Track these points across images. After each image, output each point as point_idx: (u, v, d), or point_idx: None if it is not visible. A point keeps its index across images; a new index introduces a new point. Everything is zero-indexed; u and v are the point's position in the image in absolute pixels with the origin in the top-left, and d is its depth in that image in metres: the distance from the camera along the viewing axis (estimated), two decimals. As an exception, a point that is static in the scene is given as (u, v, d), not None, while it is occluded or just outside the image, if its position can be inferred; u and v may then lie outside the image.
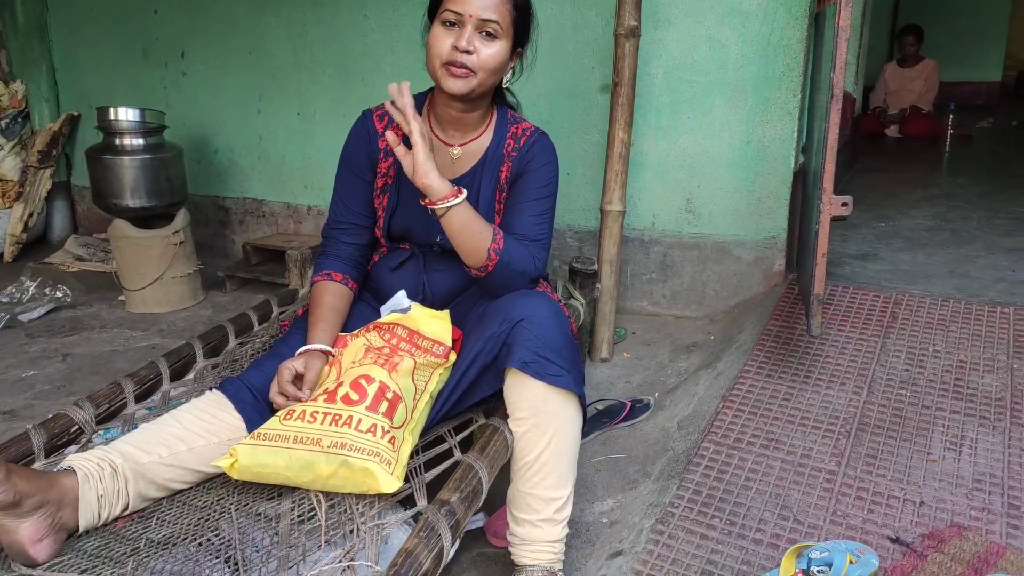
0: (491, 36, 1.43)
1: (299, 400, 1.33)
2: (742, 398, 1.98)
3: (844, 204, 1.82)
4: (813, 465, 1.71)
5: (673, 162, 2.67)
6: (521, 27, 1.49)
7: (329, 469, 1.20)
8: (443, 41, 1.43)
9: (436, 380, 1.43)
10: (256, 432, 1.25)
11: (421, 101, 1.62)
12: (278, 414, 1.29)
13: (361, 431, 1.21)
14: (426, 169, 1.38)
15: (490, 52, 1.44)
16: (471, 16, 1.40)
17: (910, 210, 3.52)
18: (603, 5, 2.61)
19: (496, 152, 1.58)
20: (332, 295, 1.56)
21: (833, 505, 1.58)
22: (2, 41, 3.90)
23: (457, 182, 1.55)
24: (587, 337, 2.43)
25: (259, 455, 1.21)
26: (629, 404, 2.11)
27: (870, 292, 2.44)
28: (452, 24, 1.42)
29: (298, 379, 1.38)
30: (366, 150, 1.60)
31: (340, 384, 1.31)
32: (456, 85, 1.45)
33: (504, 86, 1.56)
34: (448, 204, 1.40)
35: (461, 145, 1.59)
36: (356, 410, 1.24)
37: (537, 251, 1.53)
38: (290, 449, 1.21)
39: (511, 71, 1.55)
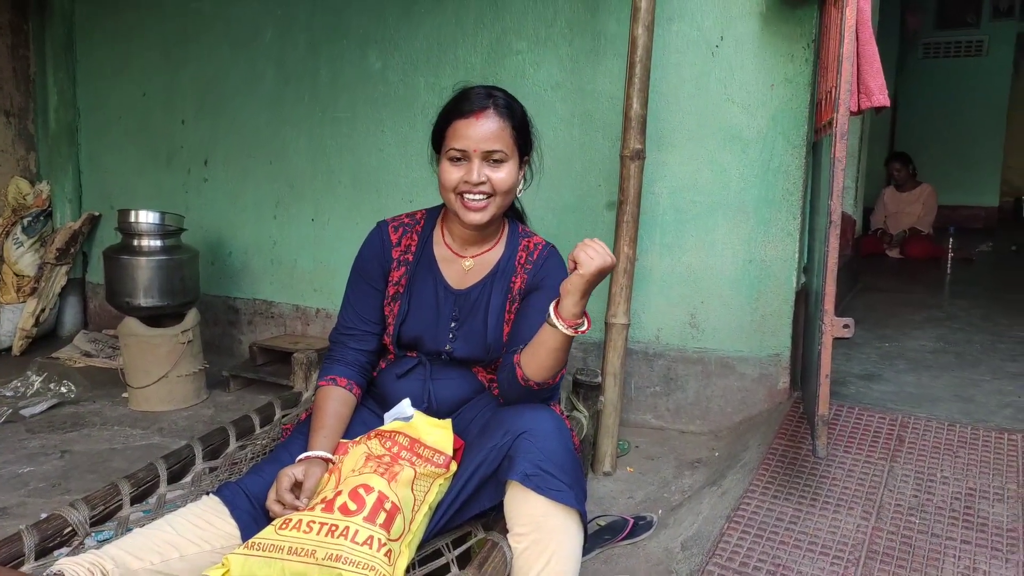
0: (498, 162, 1.50)
1: (296, 509, 1.32)
2: (748, 519, 1.94)
3: (846, 326, 1.84)
4: (821, 594, 1.65)
5: (677, 278, 2.73)
6: (523, 141, 1.56)
7: None
8: (453, 175, 1.50)
9: (436, 491, 1.41)
10: (250, 542, 1.23)
11: (435, 216, 1.68)
12: (274, 523, 1.27)
13: (357, 543, 1.19)
14: (590, 293, 1.38)
15: (501, 176, 1.50)
16: (475, 151, 1.48)
17: (913, 331, 3.54)
18: (609, 128, 2.74)
19: (508, 264, 1.62)
20: (336, 401, 1.56)
21: (843, 638, 1.52)
22: (33, 144, 4.09)
23: (469, 291, 1.60)
24: (590, 450, 2.41)
25: (252, 566, 1.19)
26: (632, 521, 2.06)
27: (876, 414, 2.43)
28: (459, 160, 1.50)
29: (296, 487, 1.37)
30: (379, 259, 1.65)
31: (339, 493, 1.30)
32: (476, 217, 1.52)
33: (518, 194, 1.62)
34: (583, 329, 1.40)
35: (473, 257, 1.64)
36: (353, 521, 1.22)
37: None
38: (284, 560, 1.18)
39: (523, 180, 1.62)
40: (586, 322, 1.40)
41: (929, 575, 1.70)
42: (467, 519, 1.46)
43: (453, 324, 1.61)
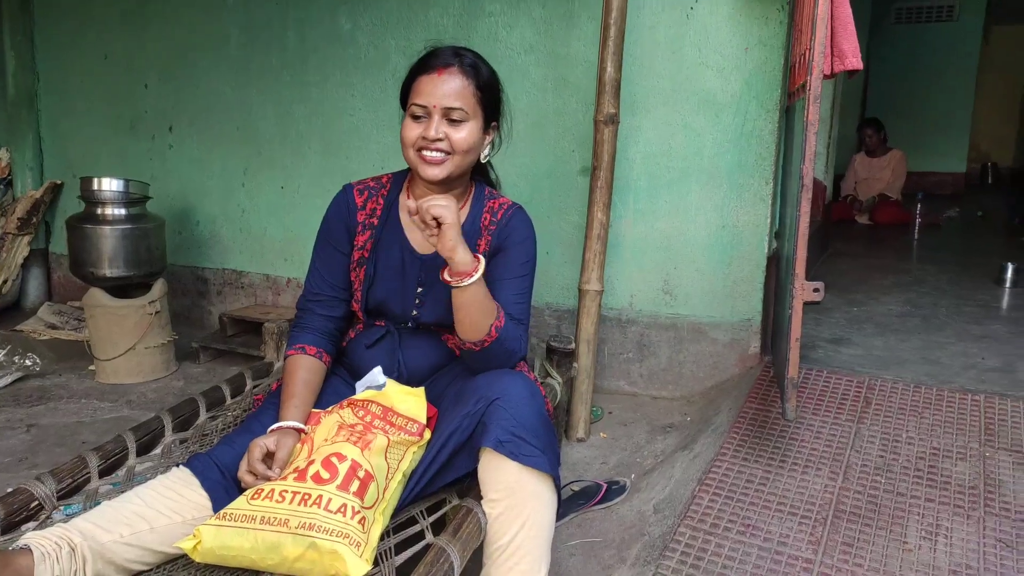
0: (458, 122, 1.48)
1: (268, 479, 1.31)
2: (718, 482, 1.97)
3: (816, 290, 1.86)
4: (790, 553, 1.69)
5: (650, 244, 2.73)
6: (489, 104, 1.54)
7: (296, 551, 1.16)
8: (413, 131, 1.48)
9: (410, 459, 1.41)
10: (222, 512, 1.22)
11: (401, 180, 1.66)
12: (246, 493, 1.26)
13: (331, 511, 1.18)
14: (455, 243, 1.37)
15: (461, 136, 1.48)
16: (435, 107, 1.46)
17: (882, 296, 3.59)
18: (583, 93, 2.71)
19: (473, 227, 1.60)
20: (305, 370, 1.54)
21: (811, 595, 1.56)
22: (-9, 110, 3.95)
23: (435, 256, 1.57)
24: (564, 416, 2.42)
25: (224, 536, 1.18)
26: (605, 486, 2.08)
27: (844, 377, 2.47)
28: (420, 117, 1.48)
29: (268, 457, 1.36)
30: (344, 223, 1.63)
31: (311, 462, 1.29)
32: (432, 172, 1.50)
33: (483, 160, 1.60)
34: (472, 280, 1.39)
35: None
36: (326, 489, 1.21)
37: (522, 332, 1.54)
38: (256, 530, 1.17)
39: (489, 146, 1.59)
40: (478, 267, 1.39)
41: (895, 532, 1.74)
42: (442, 486, 1.46)
43: (420, 289, 1.60)
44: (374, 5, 3.04)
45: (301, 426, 1.44)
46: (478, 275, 1.40)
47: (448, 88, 1.46)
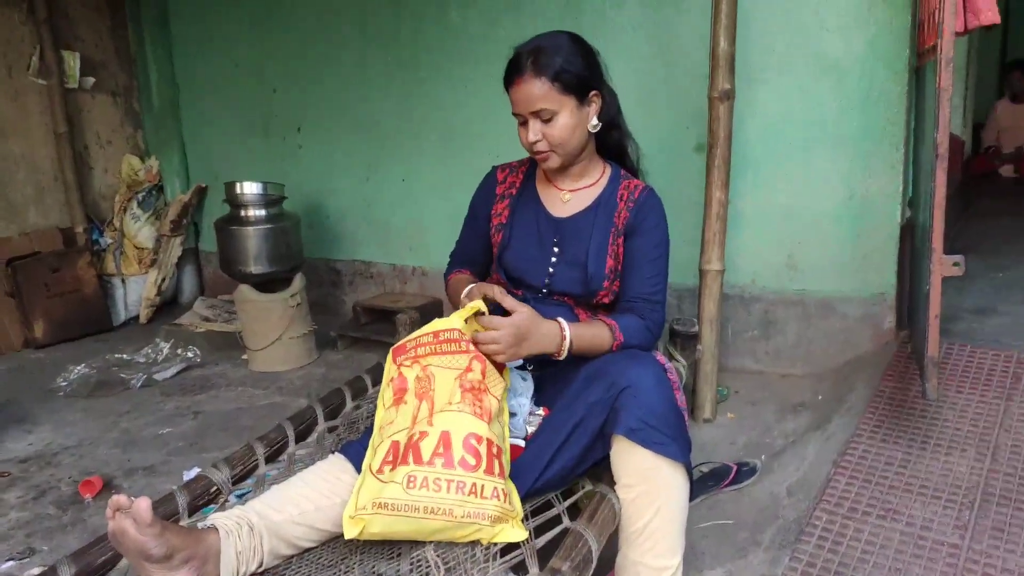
0: (549, 119, 1.56)
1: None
2: (855, 464, 1.93)
3: (956, 264, 1.77)
4: (935, 538, 1.64)
5: (772, 219, 2.67)
6: (574, 83, 1.56)
7: (461, 533, 1.30)
8: (521, 135, 1.61)
9: (506, 408, 1.48)
10: (383, 502, 1.30)
11: (535, 163, 1.73)
12: (400, 480, 1.32)
13: (486, 497, 1.29)
14: (530, 347, 1.46)
15: (555, 131, 1.56)
16: (527, 113, 1.56)
17: (1031, 258, 3.34)
18: (696, 67, 2.66)
19: (610, 199, 1.67)
20: (468, 279, 1.75)
21: (958, 581, 1.52)
22: (139, 122, 4.32)
23: (570, 220, 1.67)
24: (689, 397, 2.43)
25: (388, 523, 1.30)
26: (735, 467, 2.08)
27: (989, 351, 2.34)
28: (523, 122, 1.59)
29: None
30: (486, 199, 1.79)
31: (449, 443, 1.32)
32: (547, 165, 1.64)
33: (591, 129, 1.62)
34: (566, 350, 1.50)
35: (571, 191, 1.70)
36: (477, 476, 1.30)
37: (654, 314, 1.61)
38: (421, 518, 1.29)
39: (595, 113, 1.62)
40: (564, 342, 1.49)
41: (1050, 517, 1.66)
42: (581, 473, 1.52)
43: (556, 250, 1.67)
44: (483, -3, 3.10)
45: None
46: (567, 343, 1.49)
47: (527, 95, 1.53)
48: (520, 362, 1.64)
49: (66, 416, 2.83)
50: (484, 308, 1.48)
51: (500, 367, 1.48)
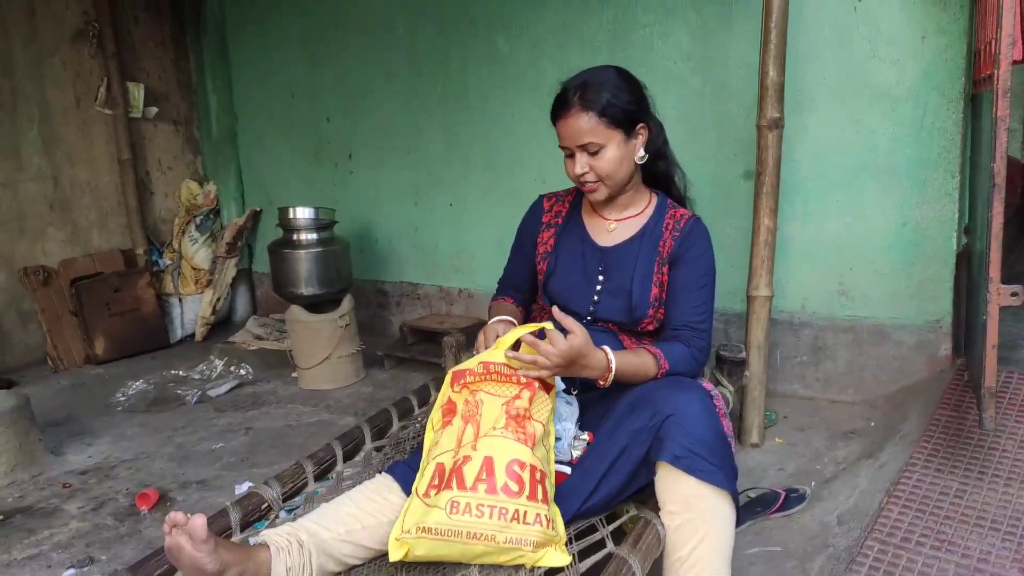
0: (596, 152, 1.58)
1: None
2: (909, 493, 1.88)
3: (1014, 294, 1.73)
4: (992, 571, 1.59)
5: (822, 245, 2.64)
6: (621, 117, 1.58)
7: (504, 558, 1.32)
8: (568, 167, 1.64)
9: (551, 432, 1.48)
10: (425, 526, 1.32)
11: (580, 192, 1.76)
12: (443, 507, 1.34)
13: (529, 524, 1.30)
14: (577, 368, 1.46)
15: (602, 164, 1.59)
16: (574, 147, 1.58)
17: (1096, 286, 3.22)
18: (743, 95, 2.67)
19: (655, 229, 1.69)
20: (510, 307, 1.83)
21: (1018, 619, 1.47)
22: (199, 148, 4.50)
23: (615, 250, 1.69)
24: (736, 422, 2.40)
25: (432, 547, 1.32)
26: (784, 493, 2.05)
27: (1051, 380, 2.26)
28: (569, 155, 1.62)
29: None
30: (531, 227, 1.83)
31: (491, 470, 1.33)
32: (594, 197, 1.66)
33: (638, 161, 1.65)
34: (612, 375, 1.49)
35: (617, 220, 1.72)
36: (519, 503, 1.31)
37: (699, 341, 1.60)
38: (464, 543, 1.30)
39: (642, 146, 1.64)
40: (610, 374, 1.48)
41: (1117, 556, 1.60)
42: (625, 499, 1.52)
43: (600, 278, 1.69)
44: (531, 27, 3.16)
45: (515, 321, 1.68)
46: (612, 375, 1.48)
47: (574, 130, 1.56)
48: (564, 386, 1.65)
49: (124, 430, 2.93)
50: (517, 337, 1.51)
51: (547, 388, 1.50)
